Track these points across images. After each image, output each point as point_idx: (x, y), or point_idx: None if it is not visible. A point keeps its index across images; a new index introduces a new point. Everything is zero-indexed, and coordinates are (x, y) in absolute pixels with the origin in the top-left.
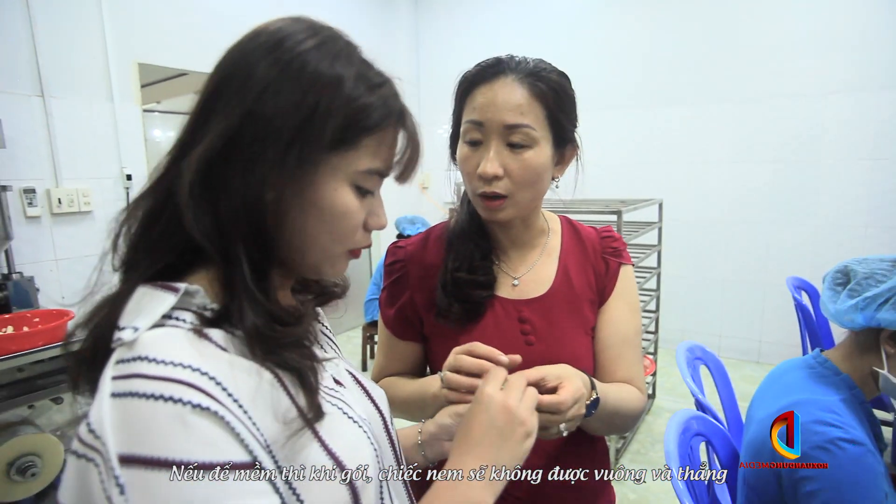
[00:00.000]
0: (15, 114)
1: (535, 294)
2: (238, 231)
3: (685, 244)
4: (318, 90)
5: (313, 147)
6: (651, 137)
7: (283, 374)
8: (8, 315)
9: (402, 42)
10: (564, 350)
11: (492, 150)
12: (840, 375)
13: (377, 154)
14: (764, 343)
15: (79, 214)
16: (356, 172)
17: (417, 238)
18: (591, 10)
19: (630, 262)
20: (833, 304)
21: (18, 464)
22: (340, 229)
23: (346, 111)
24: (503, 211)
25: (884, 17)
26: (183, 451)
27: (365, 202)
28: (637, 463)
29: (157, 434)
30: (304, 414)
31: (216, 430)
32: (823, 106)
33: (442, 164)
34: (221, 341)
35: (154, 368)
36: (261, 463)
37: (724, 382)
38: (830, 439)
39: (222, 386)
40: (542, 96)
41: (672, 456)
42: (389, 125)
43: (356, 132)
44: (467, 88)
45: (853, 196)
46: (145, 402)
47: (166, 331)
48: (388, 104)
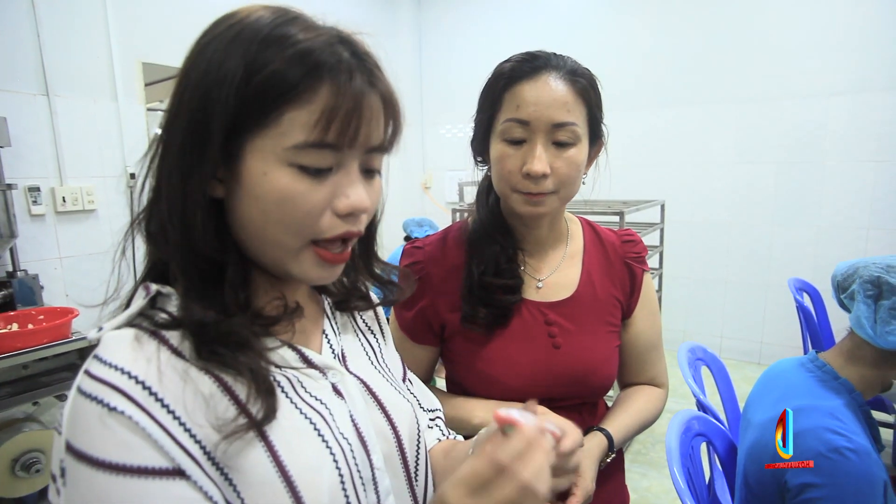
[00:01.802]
0: (20, 113)
1: (561, 297)
2: (175, 232)
3: (687, 245)
4: (212, 75)
5: (223, 135)
6: (653, 138)
7: (227, 377)
8: (13, 312)
9: (405, 43)
10: (591, 354)
11: (538, 148)
12: (839, 379)
13: (309, 123)
14: (765, 344)
15: (83, 213)
16: (286, 150)
17: (435, 238)
18: (593, 12)
19: (648, 267)
20: (869, 321)
21: (23, 460)
22: (287, 218)
23: (246, 89)
24: (544, 205)
25: (886, 20)
26: (101, 451)
27: (322, 183)
28: (638, 463)
29: (84, 430)
30: (249, 415)
31: (129, 434)
32: (826, 107)
33: (444, 163)
34: (177, 343)
35: (96, 368)
36: (185, 470)
37: (724, 383)
38: (835, 448)
39: (151, 390)
40: (584, 93)
41: (673, 455)
42: (311, 86)
43: (269, 105)
44: (505, 84)
45: (856, 198)
46: (82, 399)
47: (120, 332)
48: (304, 62)
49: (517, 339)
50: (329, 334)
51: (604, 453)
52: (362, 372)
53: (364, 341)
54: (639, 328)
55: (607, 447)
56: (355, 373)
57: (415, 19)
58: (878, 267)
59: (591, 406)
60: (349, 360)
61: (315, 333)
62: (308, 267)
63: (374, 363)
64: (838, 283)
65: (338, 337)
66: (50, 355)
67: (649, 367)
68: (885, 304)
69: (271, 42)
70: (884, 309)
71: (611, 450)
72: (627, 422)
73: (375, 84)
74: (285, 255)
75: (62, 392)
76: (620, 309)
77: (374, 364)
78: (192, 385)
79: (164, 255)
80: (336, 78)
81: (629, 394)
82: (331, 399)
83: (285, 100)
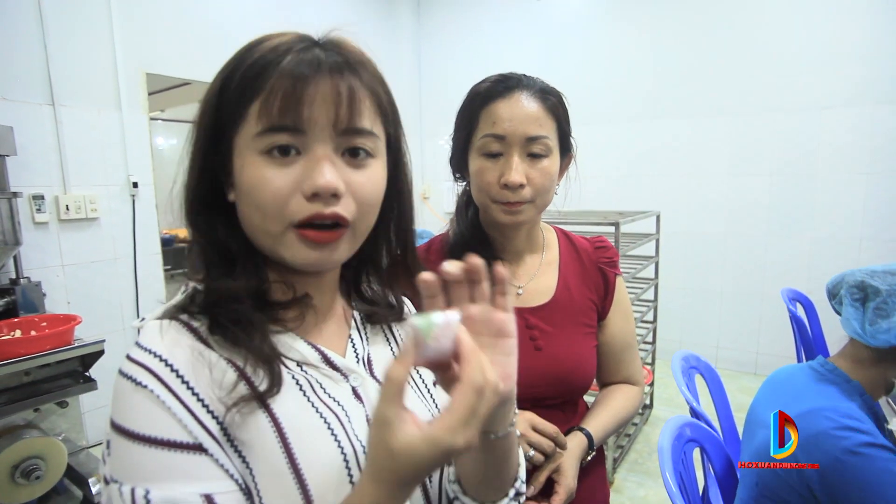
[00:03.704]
0: (26, 122)
1: (539, 302)
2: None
3: (683, 256)
4: (212, 91)
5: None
6: (649, 150)
7: (240, 361)
8: (16, 319)
9: (405, 53)
10: (570, 354)
11: (515, 160)
12: (851, 382)
13: (263, 112)
14: (761, 355)
15: (86, 221)
16: (253, 139)
17: (419, 249)
18: (590, 24)
19: (620, 271)
20: (858, 322)
21: (23, 467)
22: (261, 203)
23: (225, 95)
24: (522, 214)
25: (880, 35)
26: (133, 423)
27: (290, 167)
28: (635, 472)
29: (120, 405)
30: (252, 385)
31: (155, 408)
32: (820, 120)
33: (444, 174)
34: (204, 333)
35: (134, 352)
36: (205, 446)
37: (718, 391)
38: (861, 443)
39: (176, 371)
40: (553, 109)
41: (665, 460)
42: (261, 81)
43: (240, 104)
44: (481, 103)
45: (849, 209)
46: (120, 378)
47: (159, 322)
48: (265, 58)
49: None
50: (356, 341)
51: (584, 452)
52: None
53: (395, 348)
54: (613, 329)
55: (587, 446)
56: (379, 379)
57: (414, 31)
58: (863, 273)
59: (572, 404)
60: (375, 366)
61: (341, 338)
62: (296, 250)
63: None
64: (829, 290)
65: (365, 343)
66: (52, 362)
67: (625, 367)
68: (871, 306)
69: (251, 47)
70: (870, 310)
71: (591, 448)
72: (606, 420)
73: (334, 70)
74: (273, 242)
75: (63, 399)
76: (596, 311)
77: None
78: (214, 368)
79: (197, 243)
80: (283, 66)
81: (607, 394)
82: (349, 402)
83: (250, 95)
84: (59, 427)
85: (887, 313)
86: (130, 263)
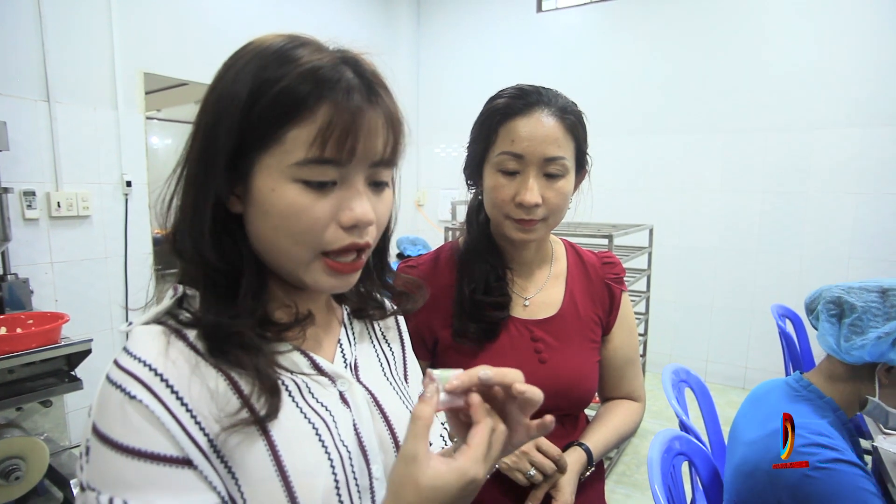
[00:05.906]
0: (20, 117)
1: (546, 315)
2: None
3: (674, 270)
4: (224, 98)
5: (229, 154)
6: (643, 164)
7: (235, 375)
8: (2, 316)
9: (404, 60)
10: (574, 368)
11: (531, 180)
12: (824, 398)
13: (310, 141)
14: (750, 369)
15: (77, 218)
16: (290, 167)
17: (427, 258)
18: (587, 39)
19: (626, 287)
20: (833, 338)
21: (2, 467)
22: (297, 231)
23: (253, 110)
24: (535, 231)
25: (871, 58)
26: (119, 435)
27: (327, 197)
28: (622, 485)
29: (106, 415)
30: (252, 410)
31: (144, 422)
32: (811, 140)
33: (438, 182)
34: (195, 341)
35: (123, 359)
36: (192, 461)
37: (707, 404)
38: (828, 459)
39: (168, 383)
40: (573, 129)
41: (654, 473)
42: (310, 106)
43: (274, 125)
44: (500, 119)
45: (838, 228)
46: (108, 386)
47: (147, 328)
48: (307, 80)
49: (505, 354)
50: (344, 344)
51: (583, 467)
52: (372, 383)
53: (380, 351)
54: (616, 344)
55: (586, 461)
56: (365, 383)
57: (413, 39)
58: (840, 288)
59: (573, 418)
60: (361, 370)
61: (330, 342)
62: (319, 277)
63: (386, 375)
64: (807, 306)
65: (352, 347)
66: (37, 360)
67: (627, 382)
68: (846, 322)
69: (281, 63)
70: (845, 326)
71: (590, 464)
72: (606, 436)
73: (375, 101)
74: (297, 266)
75: (47, 398)
76: (600, 326)
77: (386, 375)
78: (205, 380)
79: (185, 263)
80: (335, 96)
81: (608, 408)
82: (336, 406)
83: (289, 119)
84: (41, 427)
85: (862, 330)
86: (121, 262)
